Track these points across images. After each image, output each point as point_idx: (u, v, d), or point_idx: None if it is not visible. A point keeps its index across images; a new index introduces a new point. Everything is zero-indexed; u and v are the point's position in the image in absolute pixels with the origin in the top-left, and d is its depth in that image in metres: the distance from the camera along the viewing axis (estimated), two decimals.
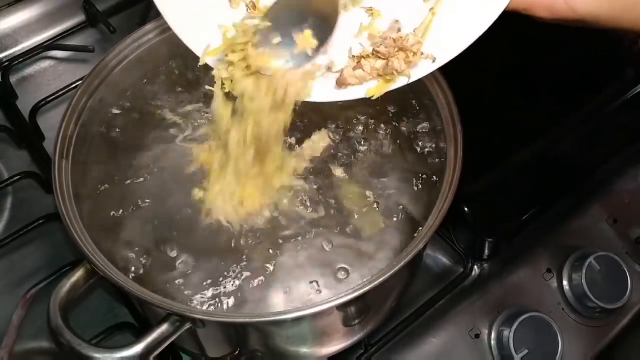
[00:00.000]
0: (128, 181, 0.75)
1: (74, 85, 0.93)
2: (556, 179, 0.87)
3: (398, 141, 0.77)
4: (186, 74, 0.82)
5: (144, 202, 0.73)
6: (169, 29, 0.76)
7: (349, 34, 0.62)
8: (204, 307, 0.66)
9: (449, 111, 0.70)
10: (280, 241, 0.70)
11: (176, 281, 0.68)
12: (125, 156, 0.76)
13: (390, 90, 0.61)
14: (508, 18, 0.89)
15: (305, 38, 0.60)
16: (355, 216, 0.72)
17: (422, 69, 0.60)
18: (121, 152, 0.77)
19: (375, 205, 0.73)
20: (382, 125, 0.78)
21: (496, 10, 0.56)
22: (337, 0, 0.62)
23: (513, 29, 0.96)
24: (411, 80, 0.60)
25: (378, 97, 0.61)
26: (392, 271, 0.59)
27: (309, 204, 0.73)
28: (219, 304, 0.66)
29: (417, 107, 0.78)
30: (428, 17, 0.58)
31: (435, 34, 0.58)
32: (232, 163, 0.67)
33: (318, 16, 0.61)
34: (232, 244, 0.70)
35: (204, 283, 0.68)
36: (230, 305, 0.66)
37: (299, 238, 0.71)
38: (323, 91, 0.62)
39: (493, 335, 0.81)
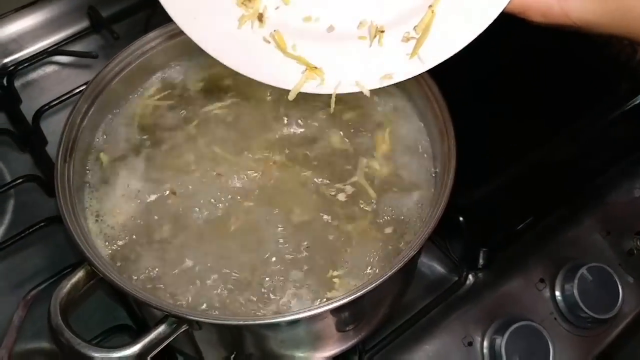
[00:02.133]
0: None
1: (77, 91, 0.95)
2: (551, 190, 0.87)
3: (392, 152, 0.78)
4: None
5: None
6: (171, 37, 0.79)
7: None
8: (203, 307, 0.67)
9: (443, 121, 0.71)
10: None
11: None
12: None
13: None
14: (506, 30, 0.91)
15: None
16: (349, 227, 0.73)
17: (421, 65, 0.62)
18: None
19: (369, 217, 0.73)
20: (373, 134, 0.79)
21: (495, 11, 0.58)
22: None
23: (511, 40, 0.99)
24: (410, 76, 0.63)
25: None
26: (385, 277, 0.60)
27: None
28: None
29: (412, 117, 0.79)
30: (428, 15, 0.59)
31: (434, 32, 0.60)
32: None
33: None
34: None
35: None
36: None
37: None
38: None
39: (486, 343, 0.82)
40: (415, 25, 0.61)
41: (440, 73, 0.74)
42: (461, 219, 0.82)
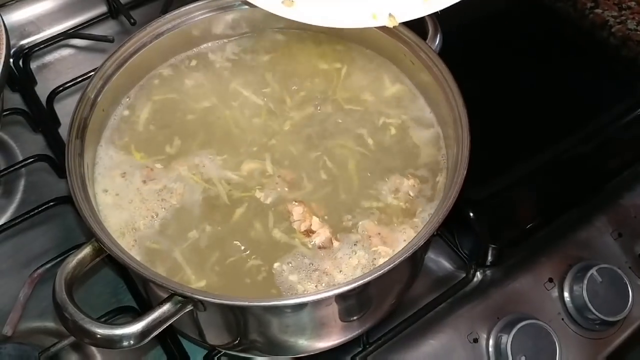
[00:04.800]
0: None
1: (91, 74, 0.95)
2: (564, 189, 0.87)
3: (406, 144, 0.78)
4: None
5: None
6: (188, 19, 0.79)
7: None
8: None
9: (458, 114, 0.71)
10: None
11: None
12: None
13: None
14: (527, 25, 0.90)
15: None
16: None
17: None
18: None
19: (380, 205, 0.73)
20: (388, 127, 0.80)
21: None
22: None
23: (531, 37, 0.98)
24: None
25: None
26: (392, 265, 0.60)
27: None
28: None
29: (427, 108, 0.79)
30: None
31: None
32: None
33: None
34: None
35: None
36: None
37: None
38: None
39: (491, 341, 0.82)
40: None
41: (458, 62, 0.74)
42: (471, 214, 0.82)
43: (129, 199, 0.73)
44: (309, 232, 0.70)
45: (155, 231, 0.71)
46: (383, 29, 0.79)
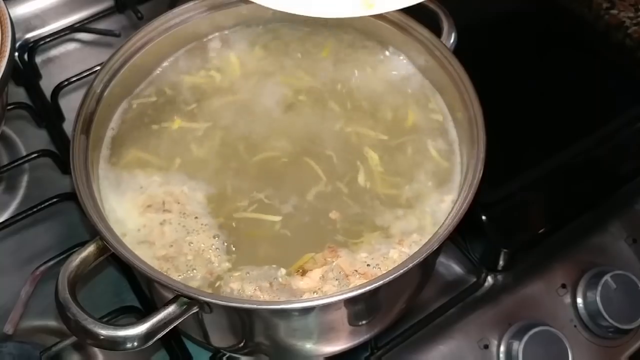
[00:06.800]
0: None
1: (97, 69, 0.93)
2: (577, 192, 0.85)
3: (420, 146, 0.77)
4: None
5: None
6: (196, 14, 0.78)
7: None
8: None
9: (473, 114, 0.69)
10: None
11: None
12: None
13: None
14: (542, 26, 0.88)
15: None
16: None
17: None
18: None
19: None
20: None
21: None
22: None
23: (546, 39, 0.97)
24: None
25: None
26: (403, 270, 0.58)
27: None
28: None
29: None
30: None
31: None
32: None
33: None
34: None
35: None
36: None
37: None
38: None
39: (502, 347, 0.80)
40: None
41: (472, 61, 0.73)
42: (484, 217, 0.80)
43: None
44: (302, 273, 0.66)
45: None
46: (395, 26, 0.78)
